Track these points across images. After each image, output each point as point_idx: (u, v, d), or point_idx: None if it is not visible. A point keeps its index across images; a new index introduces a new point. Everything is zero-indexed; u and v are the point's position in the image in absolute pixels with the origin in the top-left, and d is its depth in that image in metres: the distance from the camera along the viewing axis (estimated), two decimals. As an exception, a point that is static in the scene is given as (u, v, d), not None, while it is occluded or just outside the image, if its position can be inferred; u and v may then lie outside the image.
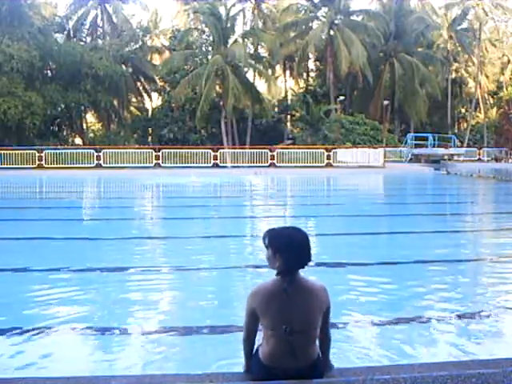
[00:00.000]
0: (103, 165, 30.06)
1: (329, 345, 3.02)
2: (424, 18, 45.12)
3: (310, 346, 2.85)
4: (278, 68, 49.98)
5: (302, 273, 2.90)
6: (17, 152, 29.96)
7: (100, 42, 46.38)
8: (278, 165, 30.98)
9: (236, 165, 30.39)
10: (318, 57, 47.64)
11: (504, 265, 7.62)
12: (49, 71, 40.13)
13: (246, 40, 42.36)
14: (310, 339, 2.83)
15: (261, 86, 45.45)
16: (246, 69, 42.32)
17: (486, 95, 53.29)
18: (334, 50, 41.19)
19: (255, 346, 2.97)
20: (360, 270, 7.17)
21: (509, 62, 53.92)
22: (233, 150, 33.18)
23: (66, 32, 44.57)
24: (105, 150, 31.14)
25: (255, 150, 32.30)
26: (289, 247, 2.79)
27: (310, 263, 2.90)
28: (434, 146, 38.03)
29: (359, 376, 2.96)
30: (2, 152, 29.60)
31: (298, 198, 19.04)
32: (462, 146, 43.36)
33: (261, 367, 2.86)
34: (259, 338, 2.97)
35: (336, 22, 42.36)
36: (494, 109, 54.44)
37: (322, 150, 32.16)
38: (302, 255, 2.82)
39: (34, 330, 4.74)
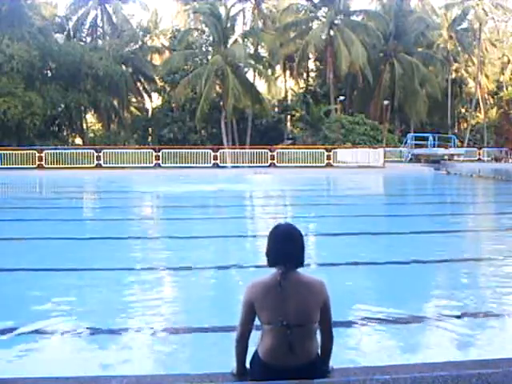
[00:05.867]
0: (103, 165, 30.05)
1: (330, 346, 2.96)
2: (424, 18, 45.04)
3: (309, 341, 2.84)
4: (278, 68, 49.95)
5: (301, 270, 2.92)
6: (17, 152, 29.94)
7: (100, 42, 46.32)
8: (278, 165, 30.96)
9: (236, 165, 30.38)
10: (318, 57, 47.58)
11: (504, 265, 7.62)
12: (49, 71, 40.06)
13: (245, 40, 42.32)
14: (308, 334, 2.83)
15: (261, 86, 45.45)
16: (246, 69, 42.30)
17: (486, 95, 53.21)
18: (334, 50, 41.14)
19: (253, 349, 2.96)
20: (360, 269, 7.17)
21: (509, 61, 53.87)
22: (233, 150, 33.15)
23: (65, 32, 44.50)
24: (105, 150, 31.13)
25: (255, 150, 32.29)
26: (272, 239, 2.91)
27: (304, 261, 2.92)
28: (434, 146, 37.98)
29: (359, 376, 2.97)
30: (2, 152, 29.60)
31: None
32: (462, 146, 43.31)
33: (260, 365, 2.86)
34: (256, 340, 2.96)
35: (336, 22, 42.32)
36: (494, 109, 54.37)
37: (322, 150, 32.14)
38: (283, 248, 2.85)
39: (33, 330, 4.74)
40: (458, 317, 5.08)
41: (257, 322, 2.88)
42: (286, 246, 2.85)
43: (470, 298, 5.85)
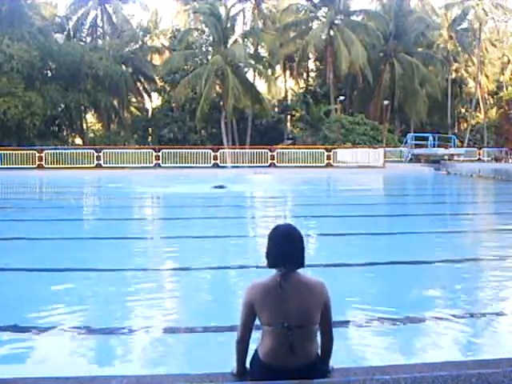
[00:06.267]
0: (103, 165, 30.04)
1: (330, 347, 2.96)
2: (424, 18, 45.04)
3: (309, 342, 2.84)
4: (278, 68, 49.94)
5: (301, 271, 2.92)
6: (17, 152, 29.93)
7: (100, 42, 46.33)
8: (278, 165, 30.96)
9: (236, 165, 30.38)
10: (318, 57, 47.59)
11: (504, 264, 7.62)
12: (49, 71, 40.06)
13: (245, 40, 42.33)
14: (308, 335, 2.82)
15: (261, 86, 45.46)
16: (246, 69, 42.31)
17: (486, 95, 53.21)
18: (334, 50, 41.14)
19: (253, 349, 2.96)
20: (360, 269, 7.17)
21: (509, 61, 53.86)
22: (233, 150, 33.14)
23: (65, 32, 44.49)
24: (105, 150, 31.12)
25: (255, 150, 32.29)
26: (271, 240, 2.90)
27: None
28: (434, 146, 37.98)
29: (359, 376, 2.96)
30: (2, 152, 29.59)
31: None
32: (462, 146, 43.30)
33: (261, 366, 2.85)
34: (255, 342, 2.96)
35: (336, 22, 42.32)
36: (494, 109, 54.37)
37: (322, 150, 32.14)
38: (283, 249, 2.84)
39: (34, 330, 4.74)
40: (458, 316, 5.08)
41: (256, 322, 2.88)
42: (285, 246, 2.84)
43: (471, 298, 5.85)
